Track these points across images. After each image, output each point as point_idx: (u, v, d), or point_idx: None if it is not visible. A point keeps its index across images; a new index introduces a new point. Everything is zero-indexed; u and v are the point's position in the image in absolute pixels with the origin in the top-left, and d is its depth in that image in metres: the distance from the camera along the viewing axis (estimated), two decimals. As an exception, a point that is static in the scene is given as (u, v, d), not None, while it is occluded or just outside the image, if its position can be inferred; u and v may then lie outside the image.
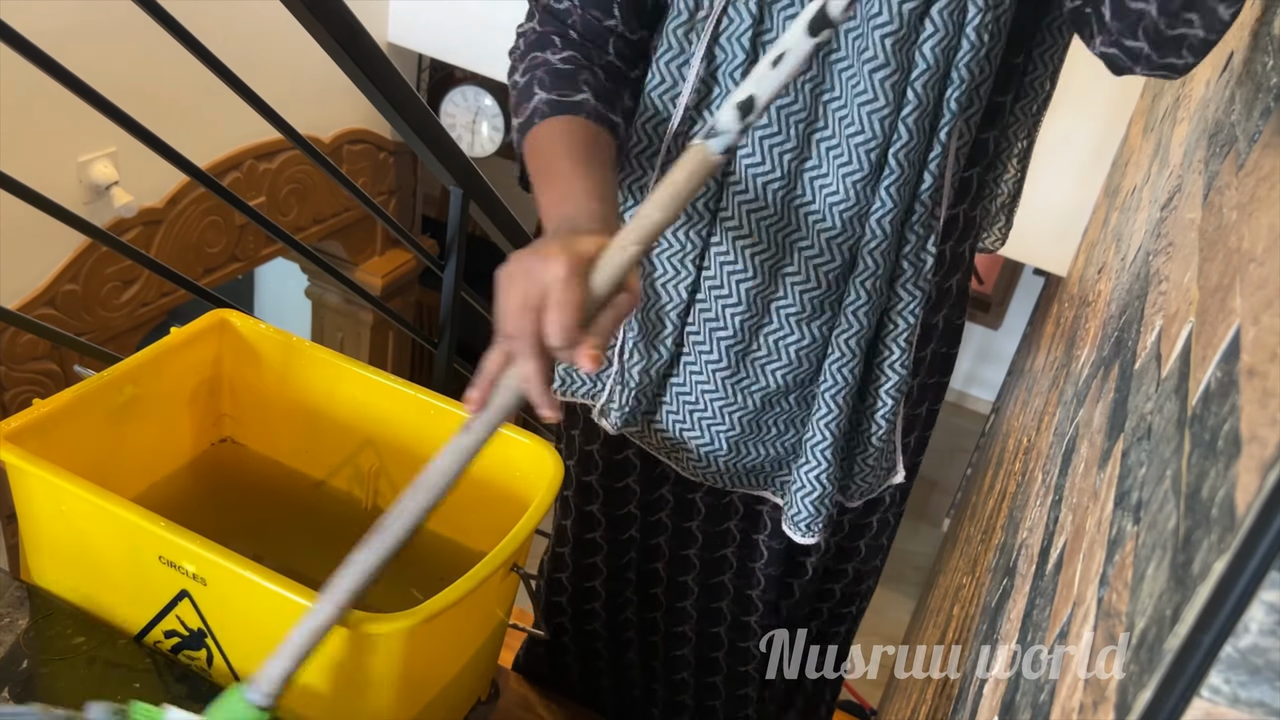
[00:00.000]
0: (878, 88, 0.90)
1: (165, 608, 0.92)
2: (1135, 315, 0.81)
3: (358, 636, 0.82)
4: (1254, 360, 0.41)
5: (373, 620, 0.81)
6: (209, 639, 0.92)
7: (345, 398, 1.13)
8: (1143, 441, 0.57)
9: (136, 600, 0.93)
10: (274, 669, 0.77)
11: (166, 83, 2.35)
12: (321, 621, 0.77)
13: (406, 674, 0.87)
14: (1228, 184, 0.61)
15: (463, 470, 0.79)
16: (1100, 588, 0.54)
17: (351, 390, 1.13)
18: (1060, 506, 0.82)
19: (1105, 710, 0.43)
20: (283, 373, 1.15)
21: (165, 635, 0.94)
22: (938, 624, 1.90)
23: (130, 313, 2.55)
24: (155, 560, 0.88)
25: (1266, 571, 0.33)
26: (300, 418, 1.16)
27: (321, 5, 1.33)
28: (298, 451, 1.19)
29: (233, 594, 0.87)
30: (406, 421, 1.11)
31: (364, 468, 1.16)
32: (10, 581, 0.98)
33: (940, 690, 1.27)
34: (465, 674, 1.01)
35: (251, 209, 1.45)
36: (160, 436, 1.12)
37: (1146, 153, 1.43)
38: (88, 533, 0.93)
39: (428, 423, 1.09)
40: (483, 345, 1.16)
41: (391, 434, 1.13)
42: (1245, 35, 0.80)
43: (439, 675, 0.96)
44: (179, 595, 0.91)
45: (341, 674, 0.85)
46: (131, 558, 0.91)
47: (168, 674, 0.92)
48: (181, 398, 1.13)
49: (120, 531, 0.90)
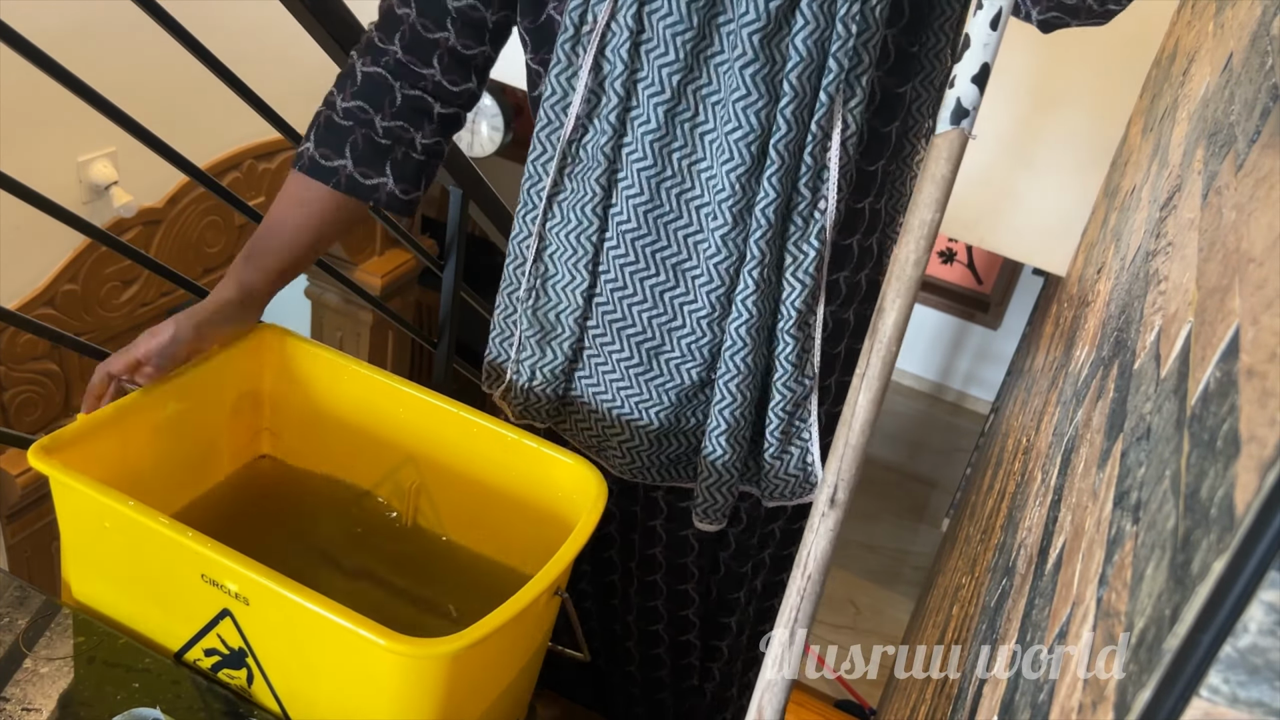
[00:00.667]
0: (749, 83, 0.93)
1: (206, 626, 0.92)
2: (1134, 315, 0.81)
3: (402, 660, 0.81)
4: (1253, 360, 0.41)
5: (417, 644, 0.79)
6: (250, 658, 0.92)
7: (386, 413, 1.13)
8: (1142, 441, 0.57)
9: (177, 618, 0.93)
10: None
11: (166, 83, 2.35)
12: None
13: (449, 698, 0.86)
14: (1227, 184, 0.61)
15: None
16: (1099, 588, 0.54)
17: (393, 406, 1.13)
18: (1059, 506, 0.82)
19: (1104, 710, 0.43)
20: (324, 387, 1.16)
21: (205, 654, 0.94)
22: (937, 624, 1.90)
23: (130, 313, 2.55)
24: (197, 578, 0.88)
25: (1266, 571, 0.33)
26: (340, 433, 1.16)
27: (321, 5, 1.33)
28: (337, 467, 1.19)
29: (275, 613, 0.87)
30: (447, 439, 1.11)
31: (404, 484, 1.15)
32: (10, 581, 0.98)
33: (940, 690, 1.27)
34: (505, 698, 1.00)
35: (251, 209, 1.45)
36: (201, 452, 1.13)
37: (1146, 152, 1.43)
38: (129, 549, 0.92)
39: (470, 440, 1.10)
40: (483, 345, 1.16)
41: (432, 451, 1.13)
42: (1244, 35, 0.80)
43: (480, 699, 0.95)
44: (220, 614, 0.90)
45: (383, 697, 0.85)
46: (173, 575, 0.91)
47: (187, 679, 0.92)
48: (223, 412, 1.14)
49: (162, 549, 0.89)
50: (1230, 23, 0.97)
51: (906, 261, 0.76)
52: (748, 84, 0.94)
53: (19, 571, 2.45)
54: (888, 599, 4.74)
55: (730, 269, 1.02)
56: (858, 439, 0.76)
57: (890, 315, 0.76)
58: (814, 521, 0.76)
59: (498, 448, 1.08)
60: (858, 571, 4.86)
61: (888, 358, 0.76)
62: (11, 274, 2.22)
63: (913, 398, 6.35)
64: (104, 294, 2.46)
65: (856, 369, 0.77)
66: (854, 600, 4.70)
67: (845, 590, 4.72)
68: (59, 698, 0.88)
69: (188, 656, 0.95)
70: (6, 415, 2.32)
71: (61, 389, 2.45)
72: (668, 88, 0.96)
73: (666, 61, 0.95)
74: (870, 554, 4.99)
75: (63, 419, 2.49)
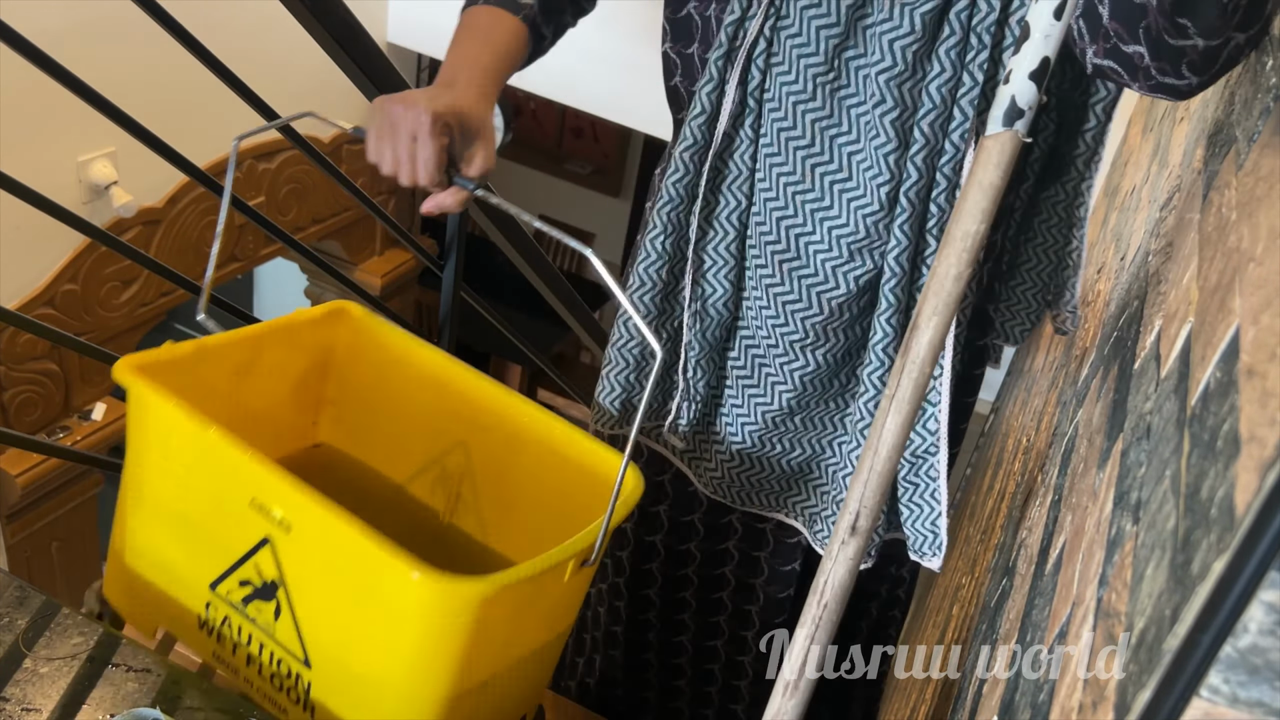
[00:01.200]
0: (887, 129, 0.94)
1: (246, 554, 0.92)
2: (1135, 315, 0.81)
3: (432, 595, 0.81)
4: (1253, 360, 0.41)
5: (450, 579, 0.79)
6: (281, 590, 0.91)
7: (444, 397, 1.12)
8: (1142, 441, 0.57)
9: (219, 547, 0.94)
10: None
11: (166, 83, 2.35)
12: None
13: (471, 647, 0.85)
14: (1227, 184, 0.61)
15: None
16: (1099, 588, 0.54)
17: (451, 389, 1.11)
18: (1059, 506, 0.82)
19: (1104, 710, 0.43)
20: (391, 366, 1.15)
21: (240, 584, 0.93)
22: (937, 624, 1.91)
23: (130, 312, 2.55)
24: (246, 504, 0.89)
25: (1266, 571, 0.33)
26: (398, 413, 1.16)
27: (321, 5, 1.33)
28: (389, 448, 1.19)
29: (315, 542, 0.87)
30: (502, 427, 1.10)
31: (450, 469, 1.15)
32: (10, 581, 0.98)
33: (939, 690, 1.27)
34: (520, 669, 1.00)
35: (251, 209, 1.45)
36: (258, 423, 1.11)
37: (1146, 152, 1.43)
38: (188, 470, 0.94)
39: (522, 429, 1.08)
40: (482, 345, 1.17)
41: (485, 438, 1.12)
42: (1244, 35, 0.79)
43: (498, 659, 0.94)
44: (261, 542, 0.90)
45: (406, 638, 0.85)
46: (224, 500, 0.92)
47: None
48: (288, 383, 1.13)
49: (220, 468, 0.91)
50: (1230, 23, 0.97)
51: (946, 276, 0.70)
52: (886, 130, 0.93)
53: (19, 571, 2.45)
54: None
55: (865, 274, 1.02)
56: (884, 465, 0.70)
57: (925, 334, 0.69)
58: (833, 548, 0.71)
59: (552, 437, 1.07)
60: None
61: (920, 380, 0.70)
62: (11, 274, 2.22)
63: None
64: (104, 294, 2.46)
65: (886, 389, 0.72)
66: (854, 600, 4.69)
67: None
68: (59, 698, 0.88)
69: (221, 588, 0.95)
70: (6, 415, 2.32)
71: (61, 389, 2.45)
72: (809, 88, 0.95)
73: (809, 58, 0.94)
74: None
75: (62, 419, 2.49)
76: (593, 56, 2.72)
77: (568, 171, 5.40)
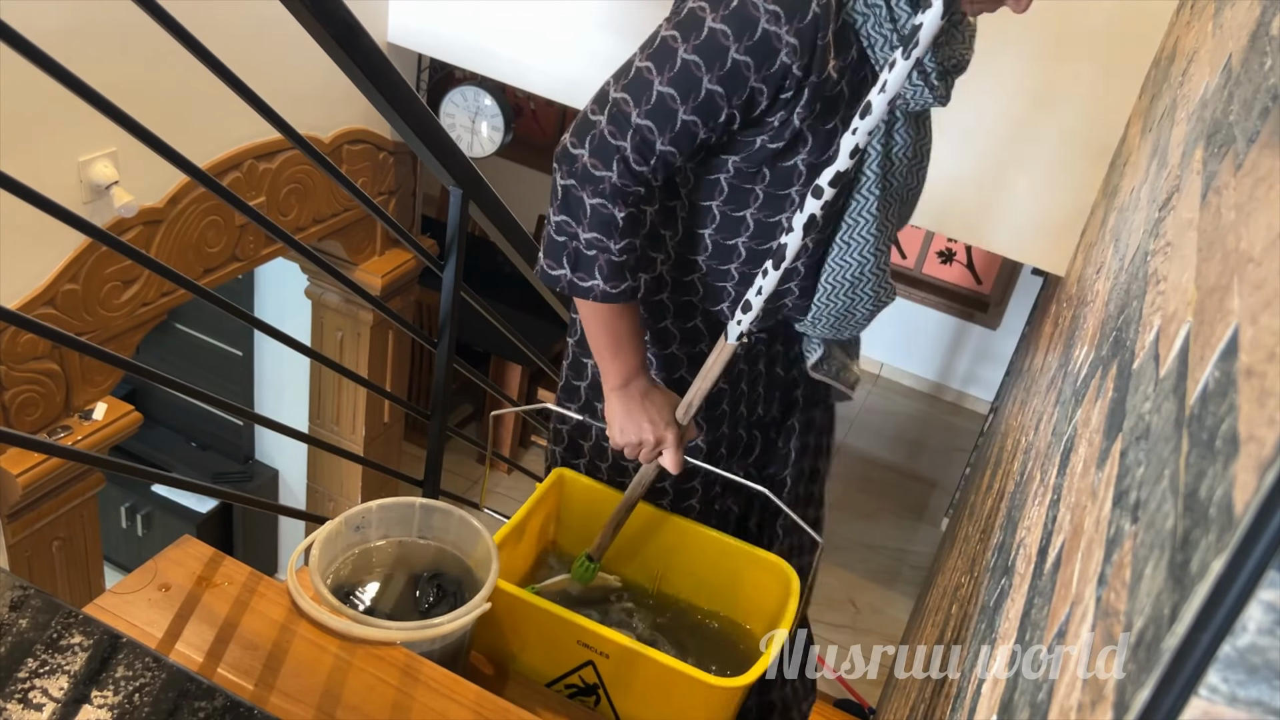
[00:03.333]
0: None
1: (573, 669, 1.38)
2: (1133, 315, 0.81)
3: (713, 691, 1.28)
4: (1252, 360, 0.41)
5: (725, 682, 1.28)
6: (600, 689, 1.38)
7: (639, 527, 1.58)
8: (1141, 441, 0.57)
9: (554, 663, 1.39)
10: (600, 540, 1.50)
11: (166, 83, 2.35)
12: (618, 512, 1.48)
13: (732, 713, 1.35)
14: (1226, 184, 0.61)
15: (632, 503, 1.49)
16: (1098, 587, 0.54)
17: (644, 523, 1.58)
18: (1058, 506, 0.82)
19: (1103, 709, 0.43)
20: (593, 509, 1.59)
21: (566, 687, 1.40)
22: (936, 623, 1.90)
23: (130, 312, 2.55)
24: (574, 643, 1.35)
25: (1264, 571, 0.33)
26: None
27: (321, 5, 1.33)
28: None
29: (627, 664, 1.33)
30: (678, 542, 1.59)
31: (652, 567, 1.61)
32: (10, 581, 0.98)
33: (939, 690, 1.27)
34: None
35: (251, 209, 1.45)
36: (525, 556, 1.60)
37: (1145, 152, 1.43)
38: (527, 623, 1.38)
39: (688, 529, 1.57)
40: (482, 344, 1.17)
41: (669, 544, 1.58)
42: (1244, 36, 0.80)
43: None
44: (585, 663, 1.36)
45: (693, 713, 1.33)
46: (557, 640, 1.36)
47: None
48: (535, 527, 1.59)
49: (553, 626, 1.34)
50: (1230, 23, 0.97)
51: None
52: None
53: (20, 571, 2.45)
54: (887, 598, 4.74)
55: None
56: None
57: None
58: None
59: (715, 547, 1.57)
60: (857, 571, 4.86)
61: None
62: (12, 274, 2.22)
63: (912, 397, 6.35)
64: (104, 294, 2.46)
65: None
66: (853, 600, 4.70)
67: (845, 590, 4.72)
68: (60, 697, 0.88)
69: (554, 687, 1.41)
70: (7, 415, 2.32)
71: (62, 389, 2.45)
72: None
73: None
74: (870, 553, 4.99)
75: (63, 418, 2.49)
76: (593, 57, 2.72)
77: (568, 171, 5.38)
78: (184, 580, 1.19)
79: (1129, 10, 2.18)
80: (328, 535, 1.29)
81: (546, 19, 2.76)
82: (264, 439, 4.35)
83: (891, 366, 6.42)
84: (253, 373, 4.17)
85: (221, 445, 4.39)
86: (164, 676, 0.92)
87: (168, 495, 4.20)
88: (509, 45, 2.87)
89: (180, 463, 4.31)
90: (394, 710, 1.09)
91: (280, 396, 4.09)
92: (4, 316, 1.21)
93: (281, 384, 4.09)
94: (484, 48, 2.92)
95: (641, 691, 1.36)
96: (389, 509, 1.37)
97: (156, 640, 1.12)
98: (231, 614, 1.17)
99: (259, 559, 4.44)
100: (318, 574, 1.22)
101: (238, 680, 1.09)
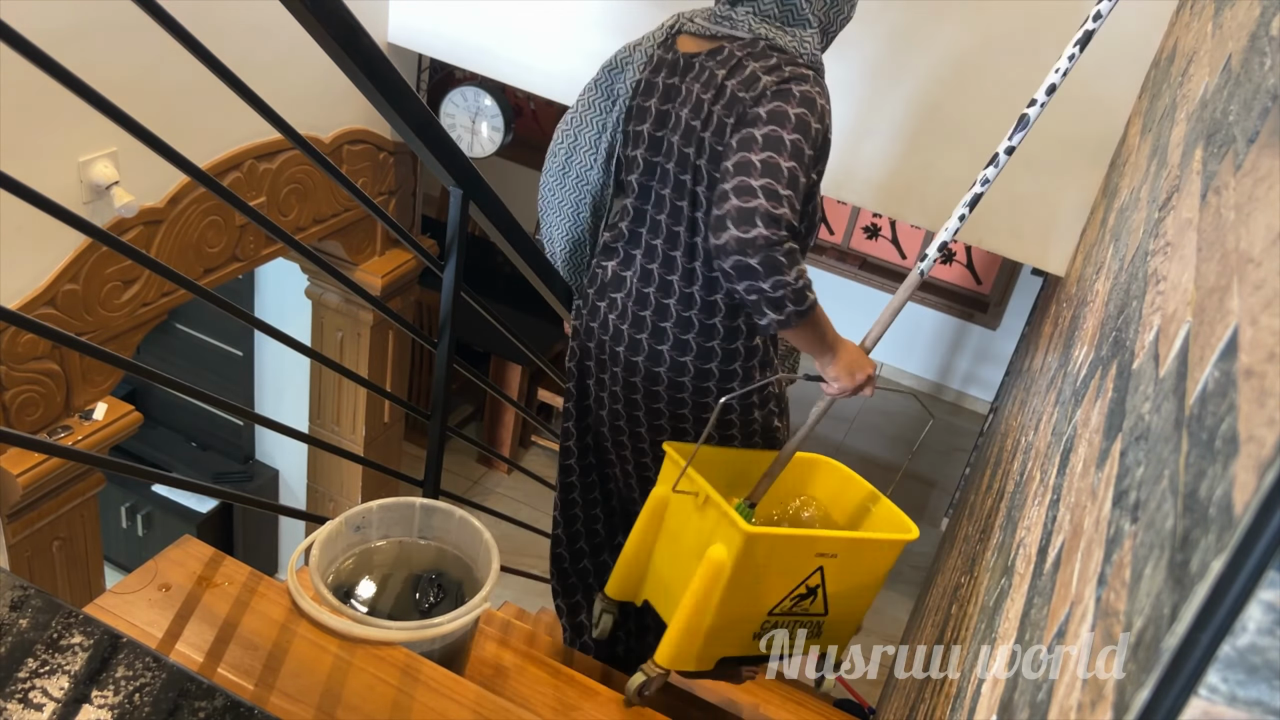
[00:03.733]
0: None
1: (807, 577, 1.65)
2: (1133, 315, 0.81)
3: (898, 547, 1.75)
4: (1251, 360, 0.41)
5: (907, 534, 1.73)
6: (820, 589, 1.68)
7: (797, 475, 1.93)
8: (1141, 441, 0.57)
9: (793, 579, 1.65)
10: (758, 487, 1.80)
11: (166, 83, 2.35)
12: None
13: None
14: (1226, 184, 0.61)
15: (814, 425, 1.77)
16: (1098, 587, 0.54)
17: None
18: (1058, 506, 0.82)
19: (1103, 709, 0.43)
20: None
21: (795, 598, 1.68)
22: (936, 623, 1.91)
23: (131, 312, 2.55)
24: (813, 554, 1.63)
25: (1264, 571, 0.33)
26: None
27: (321, 5, 1.33)
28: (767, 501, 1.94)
29: (848, 558, 1.65)
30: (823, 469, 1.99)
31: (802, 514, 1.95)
32: (10, 581, 0.98)
33: (939, 689, 1.27)
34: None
35: (251, 209, 1.45)
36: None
37: (1145, 153, 1.43)
38: (775, 555, 1.62)
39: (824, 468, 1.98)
40: (482, 344, 1.17)
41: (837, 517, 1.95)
42: (1244, 36, 0.80)
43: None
44: (817, 569, 1.64)
45: (877, 577, 1.80)
46: (798, 556, 1.63)
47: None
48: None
49: (797, 546, 1.63)
50: (1229, 23, 0.97)
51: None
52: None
53: (20, 571, 2.45)
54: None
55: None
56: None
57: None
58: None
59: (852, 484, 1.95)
60: (857, 571, 4.85)
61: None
62: (12, 274, 2.22)
63: (912, 397, 6.34)
64: (105, 294, 2.46)
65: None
66: (854, 600, 4.69)
67: (845, 590, 4.71)
68: (61, 696, 0.88)
69: (777, 609, 1.67)
70: (7, 415, 2.32)
71: (62, 389, 2.45)
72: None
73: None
74: (870, 554, 4.99)
75: (63, 418, 2.49)
76: (593, 57, 2.72)
77: (568, 171, 5.38)
78: (184, 580, 1.19)
79: (1129, 10, 2.18)
80: (328, 535, 1.29)
81: (546, 19, 2.76)
82: (264, 439, 4.35)
83: (891, 367, 6.42)
84: (253, 373, 4.17)
85: (222, 445, 4.39)
86: (164, 676, 0.92)
87: (168, 495, 4.20)
88: (509, 45, 2.86)
89: (180, 463, 4.31)
90: (394, 710, 1.09)
91: (280, 396, 4.09)
92: (4, 316, 1.21)
93: (282, 384, 4.09)
94: (484, 48, 2.92)
95: (851, 574, 1.70)
96: (389, 509, 1.37)
97: (157, 640, 1.12)
98: (232, 614, 1.17)
99: (259, 559, 4.44)
100: (318, 574, 1.23)
101: (238, 680, 1.09)
